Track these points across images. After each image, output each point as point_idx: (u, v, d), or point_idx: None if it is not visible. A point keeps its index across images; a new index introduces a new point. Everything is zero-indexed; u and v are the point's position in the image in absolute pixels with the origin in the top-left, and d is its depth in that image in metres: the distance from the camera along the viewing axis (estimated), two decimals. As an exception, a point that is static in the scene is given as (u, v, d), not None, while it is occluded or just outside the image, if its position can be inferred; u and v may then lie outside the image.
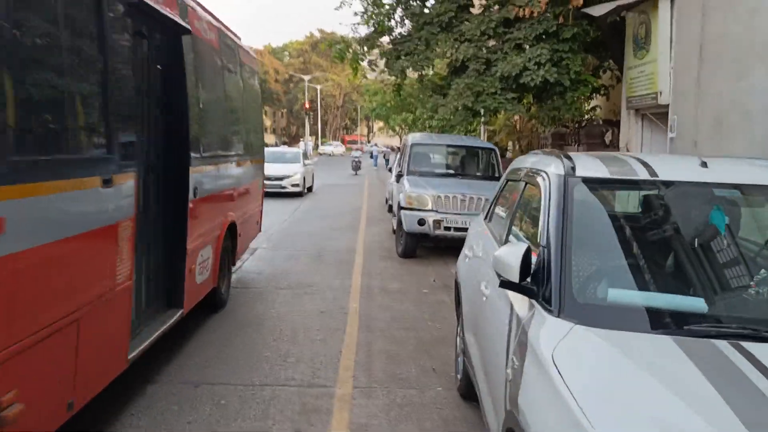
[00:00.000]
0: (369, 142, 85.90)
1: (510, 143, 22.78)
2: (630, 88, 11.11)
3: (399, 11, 14.36)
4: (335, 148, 73.64)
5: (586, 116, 13.73)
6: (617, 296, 2.28)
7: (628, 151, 11.49)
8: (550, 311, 2.24)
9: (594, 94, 13.17)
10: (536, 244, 2.72)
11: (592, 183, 2.75)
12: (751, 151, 7.16)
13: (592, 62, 12.38)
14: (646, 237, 2.66)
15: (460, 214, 9.13)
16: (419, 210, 9.20)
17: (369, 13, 13.83)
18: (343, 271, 8.44)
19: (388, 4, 14.16)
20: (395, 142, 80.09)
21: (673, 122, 9.69)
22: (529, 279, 2.44)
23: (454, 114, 12.02)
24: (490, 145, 11.16)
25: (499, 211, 3.94)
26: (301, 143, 70.09)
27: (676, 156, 3.81)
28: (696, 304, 2.21)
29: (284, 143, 71.90)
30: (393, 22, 14.45)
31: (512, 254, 2.41)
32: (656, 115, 10.71)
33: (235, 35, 7.07)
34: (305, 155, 21.83)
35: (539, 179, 2.99)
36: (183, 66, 4.59)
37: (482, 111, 11.84)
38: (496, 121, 20.49)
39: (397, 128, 40.52)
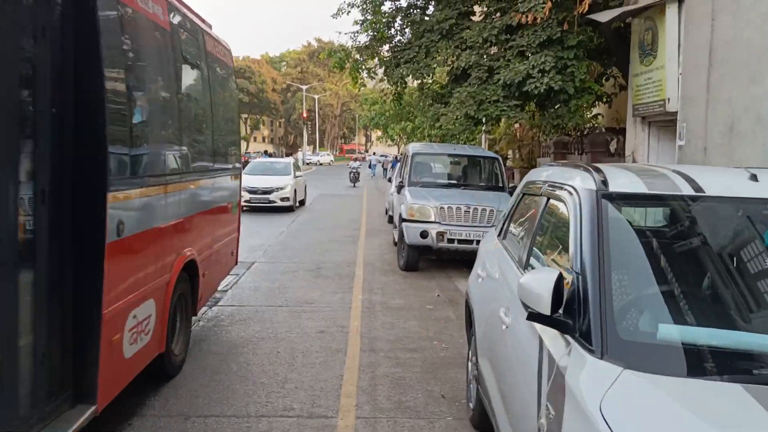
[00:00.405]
0: (367, 151, 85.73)
1: (510, 152, 22.54)
2: (636, 95, 10.85)
3: (399, 19, 14.14)
4: (322, 157, 70.13)
5: (589, 124, 13.44)
6: (669, 333, 1.96)
7: (634, 160, 11.21)
8: (590, 351, 1.92)
9: (596, 102, 12.92)
10: (565, 268, 2.40)
11: (628, 199, 2.44)
12: (765, 158, 6.90)
13: (597, 69, 12.13)
14: (694, 261, 2.34)
15: (464, 225, 8.82)
16: (421, 222, 8.88)
17: (368, 21, 13.58)
18: (343, 286, 8.11)
19: (388, 12, 13.93)
20: (393, 151, 79.98)
21: (682, 129, 9.41)
22: (561, 311, 2.12)
23: (456, 123, 11.73)
24: (494, 154, 10.86)
25: (516, 228, 3.62)
26: (300, 153, 70.02)
27: (717, 168, 3.47)
28: (766, 342, 1.89)
29: (288, 154, 71.31)
30: (393, 31, 14.22)
31: (542, 282, 2.10)
32: (664, 122, 10.44)
33: (202, 20, 5.76)
34: (298, 166, 20.82)
35: (565, 194, 2.68)
36: (97, 43, 3.15)
37: (484, 119, 11.55)
38: (497, 130, 20.23)
39: (395, 137, 40.26)
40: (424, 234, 8.80)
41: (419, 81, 13.48)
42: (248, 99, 78.57)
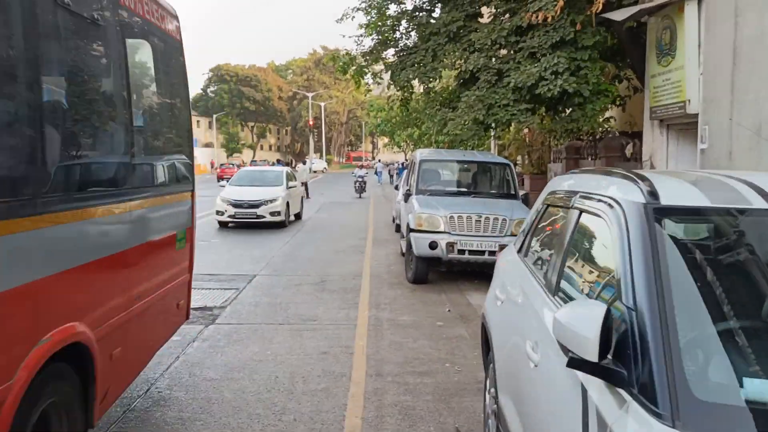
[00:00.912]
0: (374, 157, 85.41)
1: (519, 157, 22.08)
2: (654, 97, 10.39)
3: (404, 22, 13.76)
4: (314, 164, 66.38)
5: (601, 128, 12.95)
6: (758, 391, 1.52)
7: (652, 165, 10.74)
8: (656, 414, 1.49)
9: (609, 105, 12.45)
10: (609, 299, 1.97)
11: (688, 215, 2.01)
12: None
13: (611, 71, 11.67)
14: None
15: (475, 235, 8.38)
16: (430, 232, 8.45)
17: (372, 24, 13.21)
18: (348, 301, 7.68)
19: (393, 15, 13.56)
20: (400, 158, 79.62)
21: (704, 132, 8.95)
22: (610, 355, 1.69)
23: (464, 128, 11.31)
24: (505, 160, 10.43)
25: (540, 245, 3.19)
26: (306, 161, 69.78)
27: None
28: None
29: (304, 162, 70.59)
30: (398, 34, 13.85)
31: (586, 321, 1.67)
32: (684, 125, 9.98)
33: None
34: (292, 175, 18.15)
35: (603, 208, 2.25)
36: None
37: (494, 124, 11.12)
38: (506, 135, 19.78)
39: (402, 144, 39.87)
40: (433, 245, 8.37)
41: (426, 85, 13.06)
42: (254, 107, 78.57)
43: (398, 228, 14.67)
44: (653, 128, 10.81)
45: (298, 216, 17.52)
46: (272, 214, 15.02)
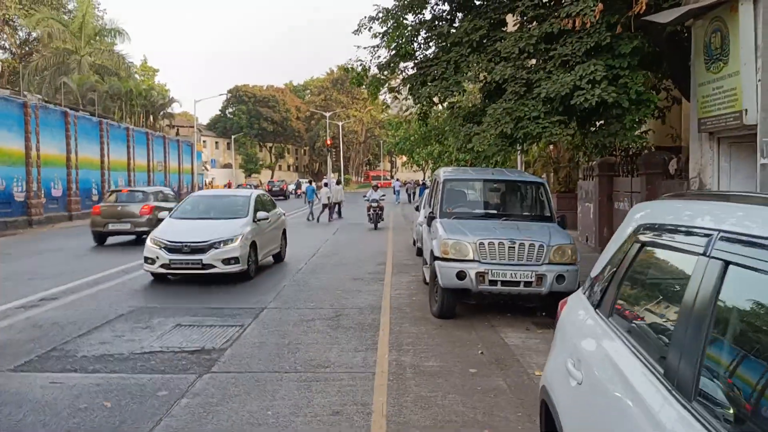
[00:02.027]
0: (392, 176, 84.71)
1: (545, 175, 21.07)
2: (703, 107, 9.38)
3: (423, 33, 12.95)
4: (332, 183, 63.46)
5: (636, 143, 11.89)
6: None
7: (701, 182, 9.70)
8: None
9: (649, 116, 11.41)
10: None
11: None
12: None
13: (651, 80, 10.68)
14: None
15: (508, 264, 7.40)
16: (458, 260, 7.49)
17: (390, 35, 12.41)
18: (365, 342, 6.73)
19: (411, 26, 12.76)
20: (419, 176, 78.75)
21: (765, 146, 7.94)
22: None
23: (491, 143, 10.39)
24: (539, 179, 9.45)
25: (640, 307, 2.23)
26: (324, 180, 69.23)
27: None
28: None
29: (325, 184, 70.25)
30: (416, 45, 13.03)
31: None
32: (738, 138, 8.96)
33: None
34: (270, 202, 13.30)
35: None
36: None
37: (523, 138, 10.17)
38: (532, 152, 18.80)
39: (421, 163, 39.04)
40: (461, 275, 7.41)
41: (448, 100, 12.18)
42: (272, 128, 78.56)
43: (419, 252, 13.72)
44: (701, 142, 9.79)
45: (278, 257, 12.80)
46: (226, 261, 10.07)
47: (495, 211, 8.78)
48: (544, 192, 8.82)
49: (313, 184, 28.33)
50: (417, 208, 15.24)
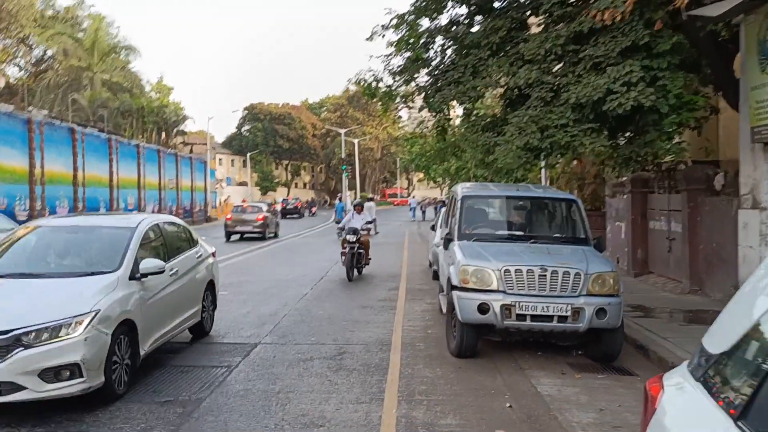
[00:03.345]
0: (409, 194, 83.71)
1: (567, 191, 19.87)
2: (756, 114, 8.25)
3: (439, 38, 12.00)
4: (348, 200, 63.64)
5: (671, 156, 10.66)
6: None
7: (755, 200, 8.53)
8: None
9: (692, 120, 10.18)
10: None
11: None
12: None
13: (692, 84, 9.53)
14: None
15: (539, 296, 6.30)
16: (479, 291, 6.41)
17: (404, 40, 11.47)
18: (370, 389, 5.65)
19: (426, 31, 11.80)
20: (436, 194, 77.59)
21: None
22: None
23: (514, 155, 9.33)
24: (571, 196, 8.34)
25: None
26: (341, 197, 68.40)
27: None
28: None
29: (335, 200, 69.76)
30: (432, 53, 12.07)
31: None
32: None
33: None
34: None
35: None
36: None
37: (550, 149, 9.09)
38: (559, 165, 17.62)
39: (438, 179, 37.96)
40: (483, 308, 6.31)
41: (466, 107, 11.17)
42: (288, 145, 78.09)
43: (436, 275, 12.63)
44: (754, 153, 8.63)
45: (198, 329, 7.53)
46: (48, 374, 4.78)
47: (521, 233, 7.66)
48: (577, 210, 7.70)
49: (343, 201, 29.83)
50: (433, 228, 14.14)
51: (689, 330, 7.76)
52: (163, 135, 40.45)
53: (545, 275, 6.33)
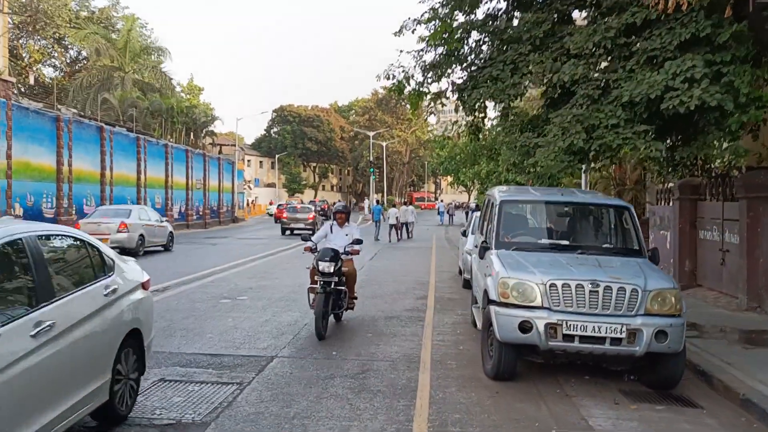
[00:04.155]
0: (437, 198, 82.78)
1: (606, 198, 18.89)
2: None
3: (475, 33, 11.29)
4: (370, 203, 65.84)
5: (744, 156, 9.71)
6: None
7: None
8: None
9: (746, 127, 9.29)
10: None
11: None
12: None
13: (760, 79, 8.66)
14: None
15: (590, 314, 5.56)
16: (521, 307, 5.69)
17: (438, 33, 10.79)
18: (396, 416, 4.98)
19: (461, 26, 11.09)
20: (464, 198, 76.52)
21: None
22: None
23: (556, 158, 8.58)
24: (621, 202, 7.54)
25: None
26: (366, 201, 67.90)
27: None
28: None
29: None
30: (467, 48, 11.36)
31: None
32: None
33: None
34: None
35: None
36: None
37: (598, 151, 8.32)
38: (603, 168, 16.65)
39: (468, 183, 37.12)
40: (525, 326, 5.60)
41: (505, 105, 10.43)
42: (316, 147, 78.01)
43: (467, 283, 11.92)
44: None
45: (114, 414, 4.63)
46: None
47: (566, 242, 6.91)
48: (629, 218, 6.92)
49: (380, 204, 31.36)
50: (464, 233, 13.42)
51: (755, 355, 6.92)
52: (191, 136, 40.42)
53: (597, 291, 5.58)
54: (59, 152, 21.77)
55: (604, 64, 9.46)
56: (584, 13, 11.43)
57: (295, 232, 27.64)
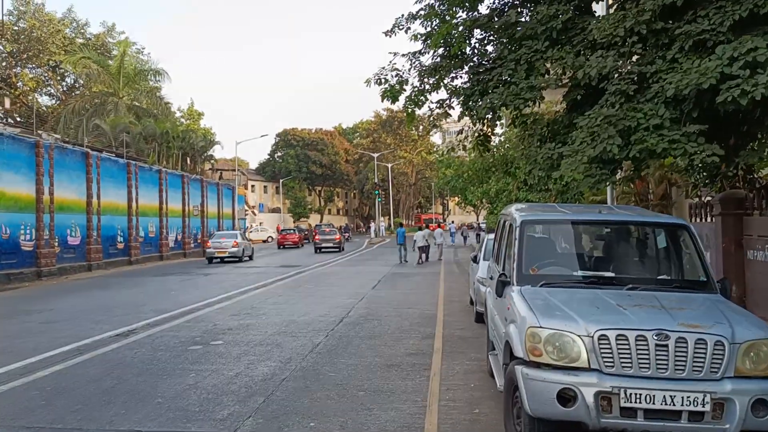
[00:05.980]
0: (445, 219, 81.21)
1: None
2: None
3: (478, 32, 9.89)
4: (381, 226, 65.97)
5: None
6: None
7: None
8: None
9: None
10: None
11: None
12: None
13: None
14: None
15: (658, 378, 3.98)
16: (560, 368, 4.12)
17: (439, 32, 9.39)
18: None
19: (462, 23, 9.69)
20: (472, 219, 74.85)
21: None
22: None
23: (586, 169, 7.07)
24: (677, 219, 5.96)
25: None
26: (372, 225, 66.44)
27: None
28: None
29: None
30: (469, 50, 9.95)
31: None
32: None
33: None
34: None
35: None
36: None
37: (638, 158, 6.79)
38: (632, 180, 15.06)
39: (476, 203, 35.55)
40: (567, 396, 4.03)
41: (520, 112, 8.94)
42: (321, 171, 76.85)
43: (479, 317, 10.33)
44: None
45: None
46: None
47: (610, 273, 5.32)
48: (690, 240, 5.35)
49: (404, 227, 31.46)
50: (474, 259, 11.84)
51: None
52: (188, 161, 39.21)
53: (666, 345, 4.01)
54: (39, 180, 20.47)
55: (635, 58, 8.03)
56: (604, 4, 10.05)
57: (323, 250, 35.11)
